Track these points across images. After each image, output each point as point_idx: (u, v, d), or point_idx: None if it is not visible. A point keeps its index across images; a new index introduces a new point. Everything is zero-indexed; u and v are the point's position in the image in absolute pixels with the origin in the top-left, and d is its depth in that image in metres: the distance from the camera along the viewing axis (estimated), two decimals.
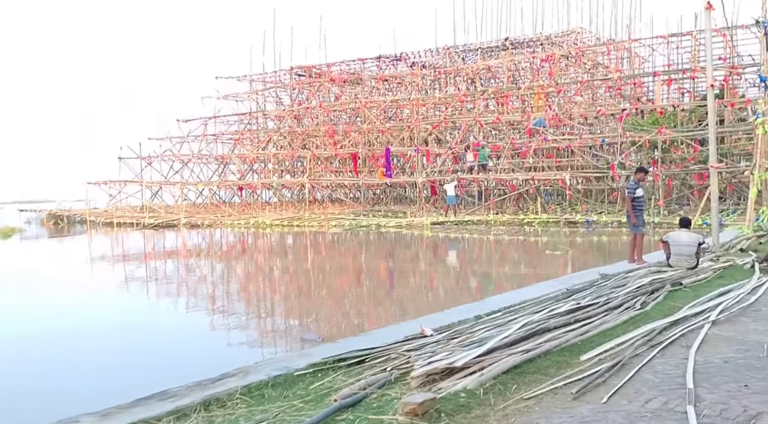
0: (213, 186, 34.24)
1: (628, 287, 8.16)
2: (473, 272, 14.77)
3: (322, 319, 10.10)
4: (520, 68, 36.77)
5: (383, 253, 19.87)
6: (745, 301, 7.62)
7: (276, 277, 15.48)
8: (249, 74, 43.88)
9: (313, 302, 11.79)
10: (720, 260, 11.07)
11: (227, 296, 12.90)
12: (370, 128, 34.04)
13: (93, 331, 9.08)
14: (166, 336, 8.92)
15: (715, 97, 27.48)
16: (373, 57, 39.64)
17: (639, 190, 11.34)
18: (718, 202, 26.18)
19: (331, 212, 31.20)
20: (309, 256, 19.94)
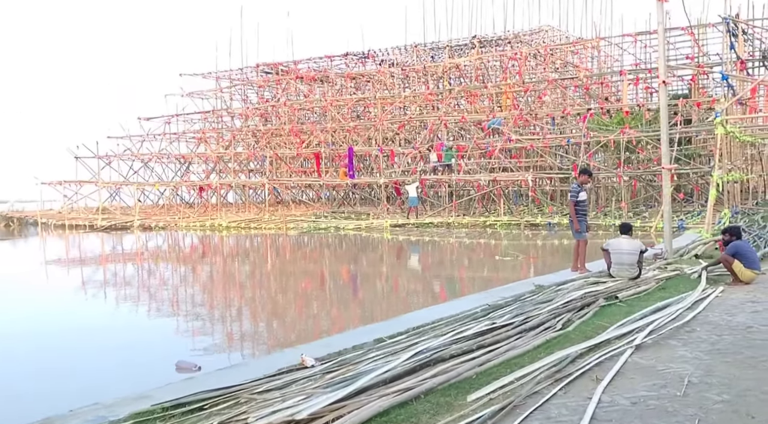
0: (170, 186, 33.03)
1: (556, 302, 7.38)
2: (411, 282, 13.88)
3: (227, 337, 9.19)
4: (489, 67, 36.10)
5: (330, 258, 18.97)
6: (682, 318, 6.88)
7: (196, 285, 14.50)
8: (215, 71, 42.74)
9: (229, 316, 10.87)
10: (668, 269, 10.37)
11: (121, 304, 11.90)
12: (334, 127, 33.12)
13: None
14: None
15: (681, 97, 26.93)
16: (340, 54, 38.70)
17: (582, 193, 10.60)
18: (685, 204, 26.11)
19: (293, 213, 30.27)
20: (250, 261, 18.98)
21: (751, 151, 29.63)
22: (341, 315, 10.44)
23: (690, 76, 28.72)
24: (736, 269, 9.05)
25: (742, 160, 27.33)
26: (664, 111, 12.25)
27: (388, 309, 10.40)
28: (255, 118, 40.14)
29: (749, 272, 9.01)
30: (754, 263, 9.06)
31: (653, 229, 19.52)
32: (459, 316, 7.02)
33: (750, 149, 28.71)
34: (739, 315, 7.04)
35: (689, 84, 29.57)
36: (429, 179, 27.07)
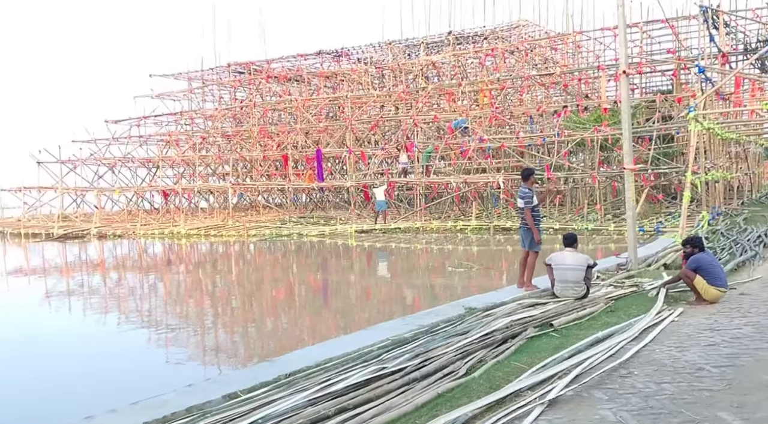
0: (131, 192, 31.63)
1: (474, 334, 6.11)
2: (341, 301, 12.43)
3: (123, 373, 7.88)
4: (466, 64, 34.86)
5: (273, 270, 17.53)
6: (621, 355, 5.62)
7: (121, 304, 13.18)
8: (186, 71, 41.39)
9: (139, 340, 9.55)
10: (625, 284, 9.11)
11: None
12: (304, 128, 31.81)
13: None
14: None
15: (665, 93, 25.71)
16: (313, 53, 37.38)
17: (535, 197, 9.31)
18: (668, 205, 24.91)
19: (260, 219, 28.95)
20: (193, 272, 17.64)
21: (736, 149, 28.54)
22: (235, 348, 9.11)
23: (672, 71, 27.53)
24: (699, 286, 7.80)
25: (726, 158, 26.20)
26: (626, 105, 11.01)
27: (289, 341, 9.10)
28: (227, 120, 38.79)
29: (713, 289, 7.76)
30: (719, 279, 7.81)
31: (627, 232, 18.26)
32: (351, 355, 5.72)
33: (734, 147, 27.61)
34: (691, 350, 5.78)
35: (671, 79, 28.39)
36: (398, 182, 25.79)
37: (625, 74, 10.86)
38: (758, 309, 7.30)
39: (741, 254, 11.81)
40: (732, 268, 10.39)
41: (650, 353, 5.76)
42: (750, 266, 10.79)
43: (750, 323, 6.69)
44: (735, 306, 7.58)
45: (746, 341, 5.98)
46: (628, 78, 11.04)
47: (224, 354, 8.55)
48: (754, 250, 12.01)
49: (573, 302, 7.73)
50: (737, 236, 14.12)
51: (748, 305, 7.57)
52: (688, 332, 6.43)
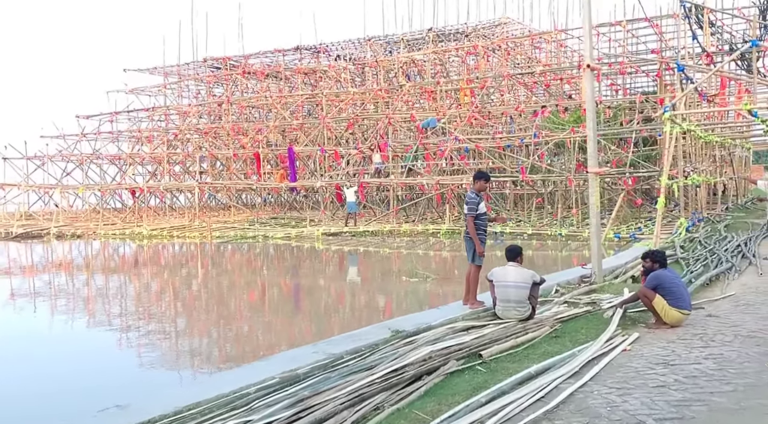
0: (95, 190, 30.42)
1: (382, 369, 5.11)
2: (276, 316, 11.22)
3: None
4: (447, 62, 33.91)
5: (224, 275, 16.45)
6: (552, 398, 4.65)
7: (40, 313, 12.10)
8: (162, 66, 40.19)
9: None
10: (582, 302, 8.14)
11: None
12: (279, 126, 30.73)
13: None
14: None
15: (643, 93, 24.81)
16: (291, 48, 36.30)
17: (482, 204, 8.30)
18: (651, 210, 24.00)
19: (231, 219, 27.87)
20: (130, 276, 16.57)
21: (720, 152, 27.72)
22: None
23: (656, 71, 26.66)
24: (659, 307, 6.84)
25: (709, 162, 25.36)
26: (590, 103, 10.07)
27: (196, 363, 8.06)
28: (203, 117, 37.68)
29: (675, 312, 6.81)
30: (682, 299, 6.85)
31: (602, 239, 17.33)
32: (221, 400, 4.68)
33: (719, 151, 26.78)
34: (635, 393, 4.81)
35: (655, 80, 27.52)
36: (370, 183, 24.76)
37: (589, 68, 9.90)
38: (724, 337, 6.35)
39: (716, 266, 10.88)
40: (704, 282, 9.46)
41: (586, 396, 4.78)
42: (724, 281, 9.85)
43: (712, 355, 5.72)
44: (699, 331, 6.63)
45: (703, 381, 5.01)
46: (593, 73, 10.08)
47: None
48: (730, 262, 11.08)
49: (515, 325, 6.75)
50: (714, 245, 13.20)
51: (713, 331, 6.62)
52: (637, 367, 5.46)
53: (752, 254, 12.31)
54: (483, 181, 8.24)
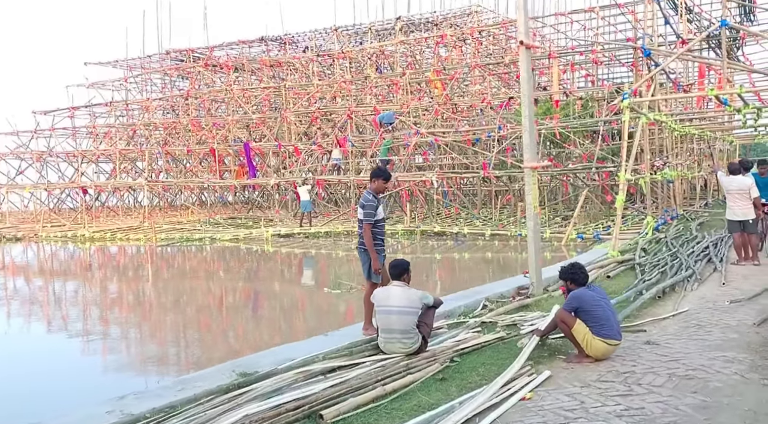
0: (41, 189, 28.76)
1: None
2: (171, 333, 9.84)
3: None
4: (418, 53, 32.47)
5: (145, 283, 14.88)
6: None
7: None
8: (125, 59, 38.53)
9: None
10: (498, 324, 6.72)
11: None
12: (239, 121, 29.19)
13: None
14: None
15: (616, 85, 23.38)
16: (255, 39, 34.73)
17: (381, 209, 6.82)
18: (626, 208, 22.62)
19: (183, 220, 26.33)
20: (49, 281, 15.06)
21: (699, 145, 26.43)
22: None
23: (631, 61, 25.29)
24: (579, 335, 5.44)
25: (686, 155, 24.05)
26: (527, 85, 8.63)
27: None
28: (168, 112, 36.07)
29: (599, 342, 5.40)
30: (608, 326, 5.44)
31: (564, 240, 15.98)
32: None
33: (697, 144, 25.48)
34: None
35: (631, 70, 26.17)
36: (329, 180, 23.25)
37: (523, 46, 8.47)
38: (654, 378, 4.94)
39: (676, 273, 9.51)
40: (655, 295, 8.07)
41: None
42: (681, 292, 8.47)
43: (629, 410, 4.31)
44: (627, 369, 5.22)
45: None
46: (529, 52, 8.64)
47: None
48: (691, 268, 9.70)
49: (397, 363, 5.32)
50: (680, 247, 11.82)
51: (644, 368, 5.21)
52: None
53: (720, 257, 10.95)
54: (382, 180, 6.76)
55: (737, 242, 10.43)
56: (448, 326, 6.73)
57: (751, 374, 4.89)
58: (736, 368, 5.06)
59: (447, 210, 23.54)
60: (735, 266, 10.38)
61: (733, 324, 6.53)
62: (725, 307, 7.32)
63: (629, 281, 9.43)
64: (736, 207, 10.42)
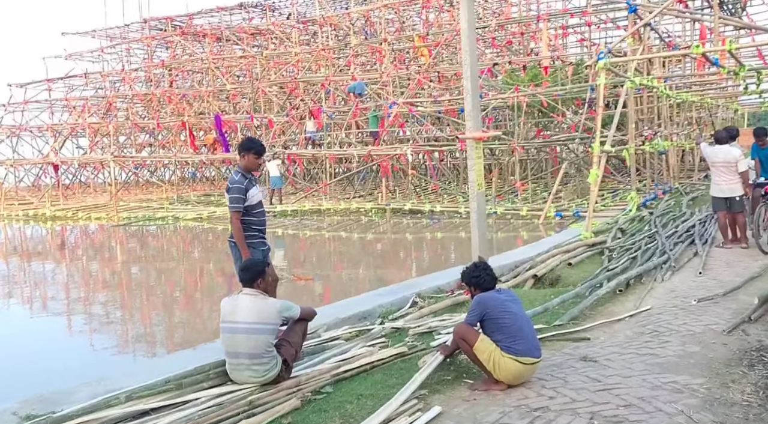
0: (7, 165, 27.57)
1: None
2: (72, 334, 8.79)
3: None
4: (407, 19, 30.77)
5: (80, 264, 13.84)
6: None
7: None
8: (103, 28, 37.04)
9: None
10: (413, 332, 5.47)
11: None
12: (213, 92, 27.77)
13: None
14: None
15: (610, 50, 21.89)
16: (235, 5, 33.06)
17: (254, 190, 5.50)
18: (621, 179, 21.23)
19: (153, 197, 25.17)
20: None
21: (700, 113, 24.80)
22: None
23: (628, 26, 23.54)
24: (484, 355, 4.18)
25: (685, 124, 22.49)
26: (467, 38, 7.24)
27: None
28: (142, 83, 34.66)
29: (510, 361, 4.13)
30: (521, 339, 4.17)
31: (542, 218, 14.65)
32: None
33: (696, 112, 23.85)
34: None
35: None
36: (302, 154, 21.87)
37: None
38: (572, 420, 3.67)
39: (649, 259, 8.20)
40: (616, 288, 6.78)
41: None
42: (649, 283, 7.17)
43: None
44: (540, 404, 3.94)
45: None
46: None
47: None
48: (668, 253, 8.38)
49: (241, 399, 4.07)
50: (660, 227, 10.47)
51: (563, 403, 3.93)
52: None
53: (705, 239, 9.62)
54: (253, 154, 5.37)
55: (722, 222, 9.10)
56: (347, 337, 5.45)
57: (702, 416, 3.62)
58: (684, 404, 3.79)
59: (435, 186, 22.15)
60: (720, 249, 9.07)
61: (698, 331, 5.24)
62: (693, 306, 6.02)
63: (594, 269, 8.16)
64: (722, 182, 9.06)
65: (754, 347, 4.76)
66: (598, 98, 11.07)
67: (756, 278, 6.97)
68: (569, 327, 5.61)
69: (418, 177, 22.42)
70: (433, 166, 23.39)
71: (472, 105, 7.38)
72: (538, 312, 5.88)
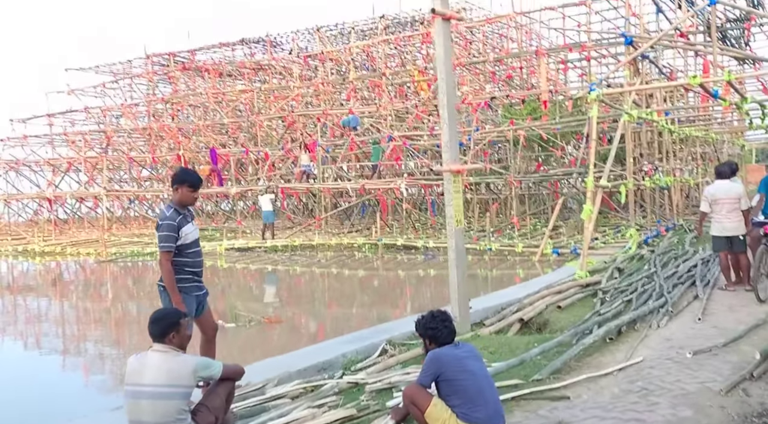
0: (1, 200, 27.33)
1: None
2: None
3: None
4: (406, 53, 30.72)
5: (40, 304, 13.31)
6: None
7: None
8: (107, 64, 37.29)
9: None
10: (367, 390, 4.85)
11: None
12: (208, 125, 27.59)
13: None
14: None
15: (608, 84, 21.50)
16: (237, 41, 33.19)
17: (189, 226, 4.88)
18: (622, 216, 20.60)
19: (147, 232, 24.75)
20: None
21: (703, 149, 24.28)
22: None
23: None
24: (437, 423, 3.56)
25: (688, 159, 21.98)
26: (443, 64, 6.80)
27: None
28: (144, 118, 34.66)
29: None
30: (480, 403, 3.56)
31: (538, 255, 14.02)
32: None
33: (700, 147, 23.33)
34: None
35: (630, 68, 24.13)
36: (295, 188, 21.45)
37: (438, 17, 6.62)
38: None
39: (646, 302, 7.57)
40: (605, 336, 6.14)
41: None
42: (644, 330, 6.53)
43: None
44: None
45: None
46: (446, 23, 6.79)
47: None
48: (666, 296, 7.74)
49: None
50: (658, 267, 9.83)
51: None
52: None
53: (707, 280, 8.97)
54: (187, 187, 4.83)
55: (724, 263, 8.47)
56: (295, 394, 4.83)
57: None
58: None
59: (433, 220, 21.55)
60: (723, 291, 8.42)
61: (692, 390, 4.61)
62: (689, 359, 5.38)
63: (585, 312, 7.53)
64: (725, 220, 8.45)
65: (756, 411, 4.12)
66: (591, 131, 10.57)
67: (760, 326, 6.33)
68: (548, 383, 4.99)
69: (416, 212, 21.91)
70: (432, 200, 22.88)
71: (450, 135, 6.89)
72: (514, 365, 5.25)
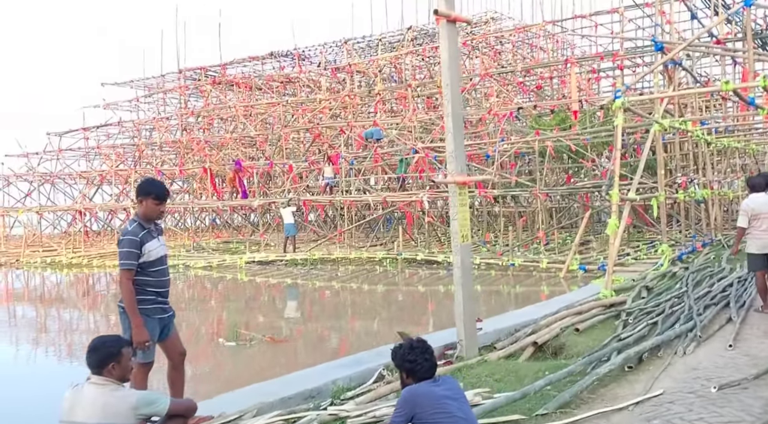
0: (33, 212, 27.81)
1: None
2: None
3: None
4: (434, 64, 30.40)
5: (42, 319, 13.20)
6: None
7: None
8: (141, 79, 38.00)
9: None
10: (358, 420, 4.43)
11: None
12: (234, 138, 27.67)
13: None
14: None
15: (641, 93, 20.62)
16: (266, 55, 33.41)
17: (154, 243, 4.48)
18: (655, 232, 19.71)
19: (175, 243, 24.81)
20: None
21: (743, 161, 23.19)
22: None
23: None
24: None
25: (727, 171, 20.97)
26: (448, 70, 6.38)
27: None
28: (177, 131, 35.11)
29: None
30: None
31: (563, 272, 13.38)
32: None
33: (740, 159, 22.29)
34: None
35: (663, 75, 23.28)
36: (318, 201, 21.21)
37: (442, 18, 6.22)
38: None
39: (673, 325, 6.95)
40: (624, 364, 5.59)
41: None
42: (668, 357, 5.94)
43: None
44: None
45: None
46: (452, 26, 6.38)
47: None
48: (695, 318, 7.11)
49: None
50: (690, 287, 9.14)
51: None
52: None
53: (743, 302, 8.27)
54: (152, 200, 4.48)
55: (761, 284, 7.79)
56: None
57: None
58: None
59: None
60: (759, 313, 7.74)
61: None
62: (715, 394, 4.80)
63: (606, 336, 6.96)
64: (765, 236, 7.79)
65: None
66: (616, 140, 9.99)
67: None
68: (554, 418, 4.49)
69: (442, 225, 21.43)
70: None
71: (455, 145, 6.46)
72: (516, 399, 4.74)
